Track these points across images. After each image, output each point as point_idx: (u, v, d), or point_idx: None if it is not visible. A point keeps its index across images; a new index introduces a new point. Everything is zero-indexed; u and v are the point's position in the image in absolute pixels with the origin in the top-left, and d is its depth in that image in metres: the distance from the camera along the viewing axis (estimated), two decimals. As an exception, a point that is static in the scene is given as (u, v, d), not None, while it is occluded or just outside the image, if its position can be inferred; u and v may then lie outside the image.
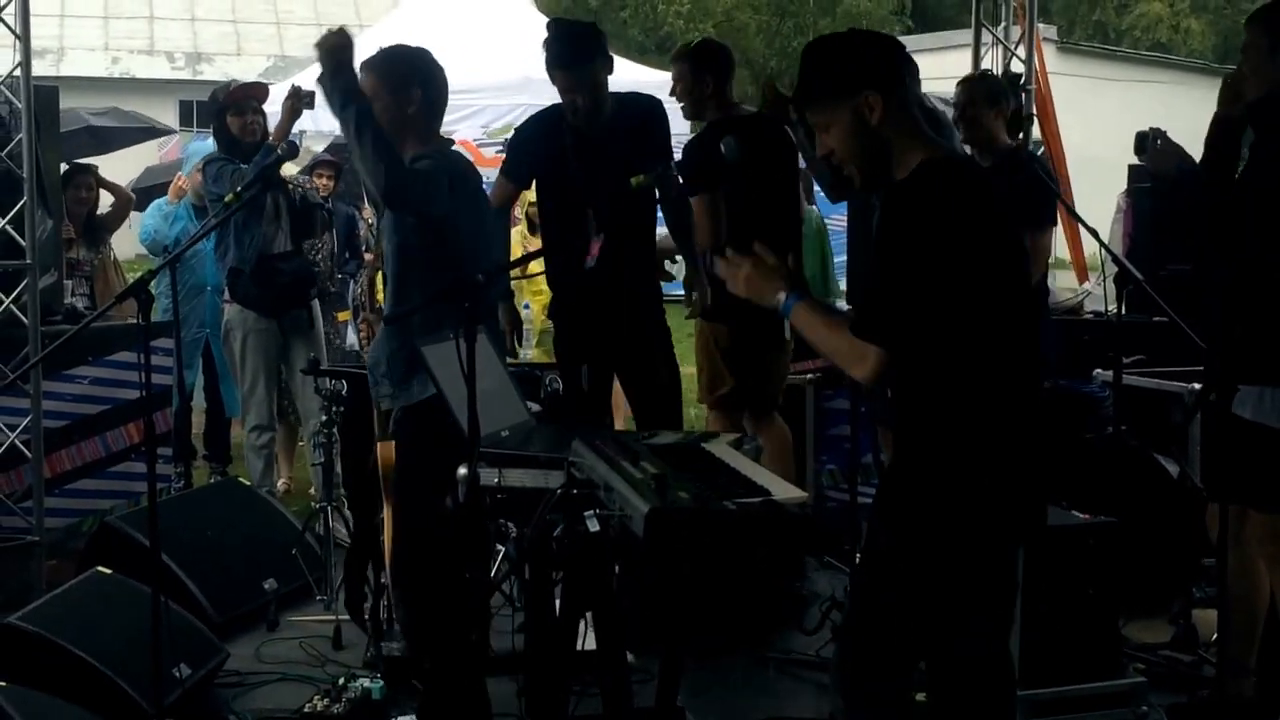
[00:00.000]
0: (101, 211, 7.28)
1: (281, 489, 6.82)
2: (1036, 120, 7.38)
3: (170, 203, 7.22)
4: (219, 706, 4.31)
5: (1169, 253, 6.83)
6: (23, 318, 5.28)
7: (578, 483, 3.13)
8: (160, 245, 7.07)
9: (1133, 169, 7.65)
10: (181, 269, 6.62)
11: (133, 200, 7.76)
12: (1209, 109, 4.01)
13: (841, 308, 7.91)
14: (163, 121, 14.91)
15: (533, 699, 3.46)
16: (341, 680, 4.26)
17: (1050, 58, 10.85)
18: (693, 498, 2.79)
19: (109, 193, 7.34)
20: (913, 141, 2.72)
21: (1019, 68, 7.31)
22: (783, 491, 2.87)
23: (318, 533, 5.28)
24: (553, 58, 4.71)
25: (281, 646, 4.83)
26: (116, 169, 8.73)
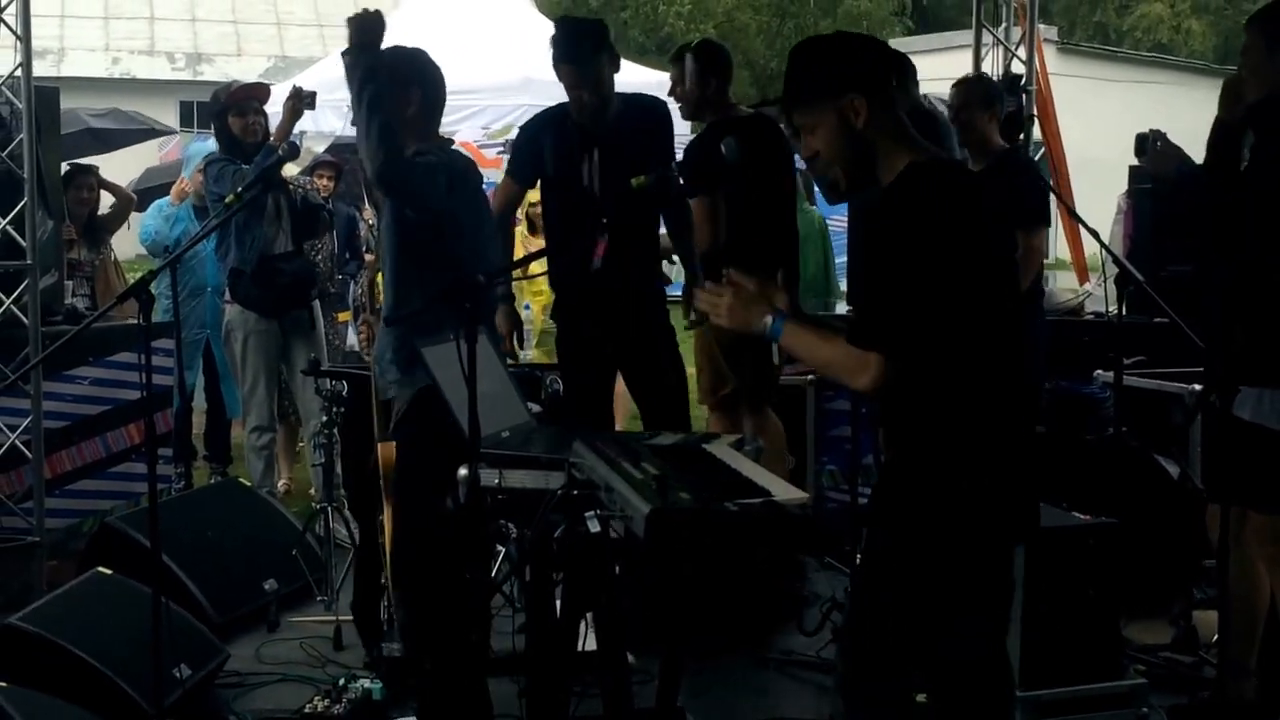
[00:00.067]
0: (102, 212, 7.29)
1: (282, 489, 6.82)
2: (1037, 121, 7.39)
3: (172, 204, 7.22)
4: (219, 707, 4.31)
5: (1170, 254, 6.83)
6: (23, 318, 5.28)
7: (578, 483, 3.13)
8: (161, 246, 7.07)
9: (1133, 170, 7.65)
10: (182, 270, 6.62)
11: (134, 201, 7.76)
12: (1210, 110, 4.02)
13: (842, 309, 7.94)
14: (163, 122, 14.91)
15: (533, 700, 3.46)
16: (342, 681, 4.27)
17: (1051, 59, 10.85)
18: (693, 499, 2.79)
19: (110, 193, 7.34)
20: (898, 145, 2.71)
21: (1020, 69, 7.31)
22: (783, 492, 2.87)
23: (318, 533, 5.28)
24: (559, 53, 4.70)
25: (282, 647, 4.83)
26: (117, 170, 8.73)
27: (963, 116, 5.53)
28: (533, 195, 5.67)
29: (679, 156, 5.16)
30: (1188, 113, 11.40)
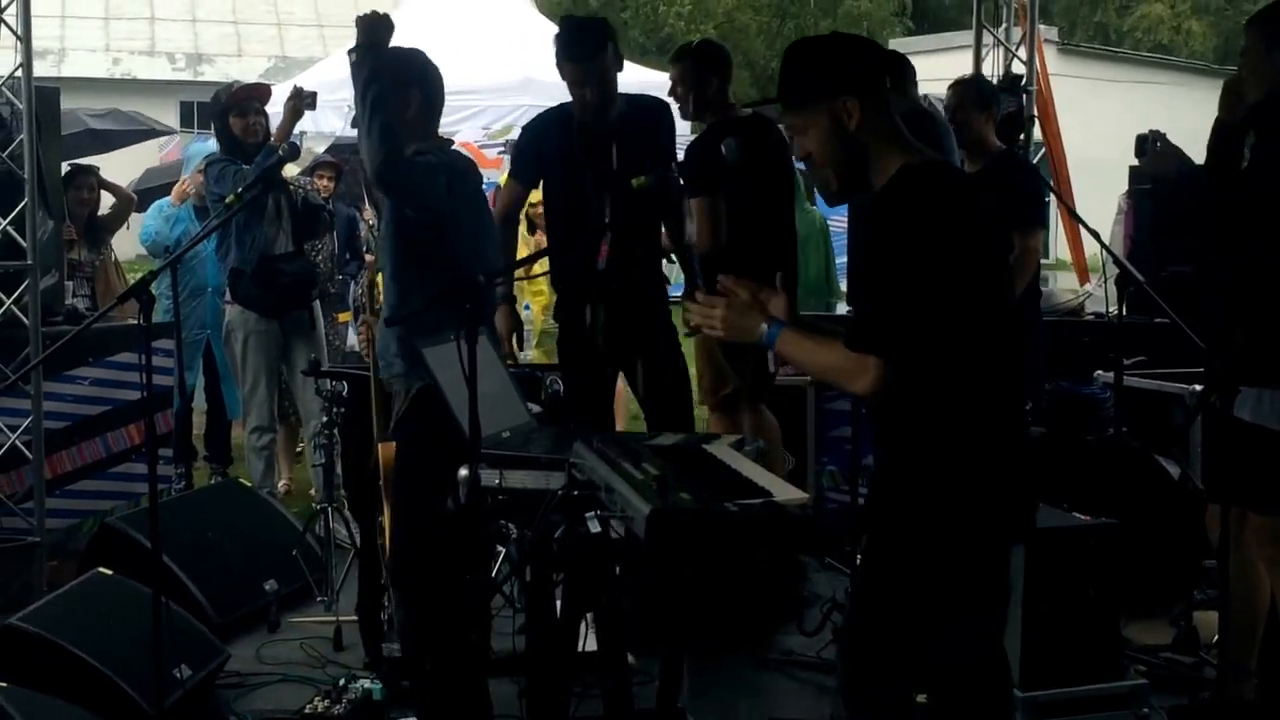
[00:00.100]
0: (103, 212, 7.29)
1: (282, 490, 6.82)
2: (1037, 122, 7.40)
3: (173, 205, 7.22)
4: (220, 707, 4.31)
5: (1170, 254, 6.83)
6: (24, 318, 5.28)
7: (579, 484, 3.13)
8: (161, 246, 7.07)
9: (1133, 170, 7.65)
10: (182, 270, 6.62)
11: (134, 201, 7.75)
12: (1210, 110, 4.02)
13: (843, 310, 7.94)
14: (163, 122, 14.91)
15: (534, 700, 3.46)
16: (342, 681, 4.27)
17: (1051, 59, 10.85)
18: (694, 499, 2.79)
19: (110, 194, 7.34)
20: (891, 147, 2.71)
21: (1020, 69, 7.32)
22: (784, 493, 2.86)
23: (318, 534, 5.28)
24: (562, 50, 4.67)
25: (282, 647, 4.83)
26: (117, 170, 8.72)
27: (959, 117, 5.53)
28: (533, 195, 5.67)
29: (681, 158, 5.15)
30: (1188, 113, 11.40)
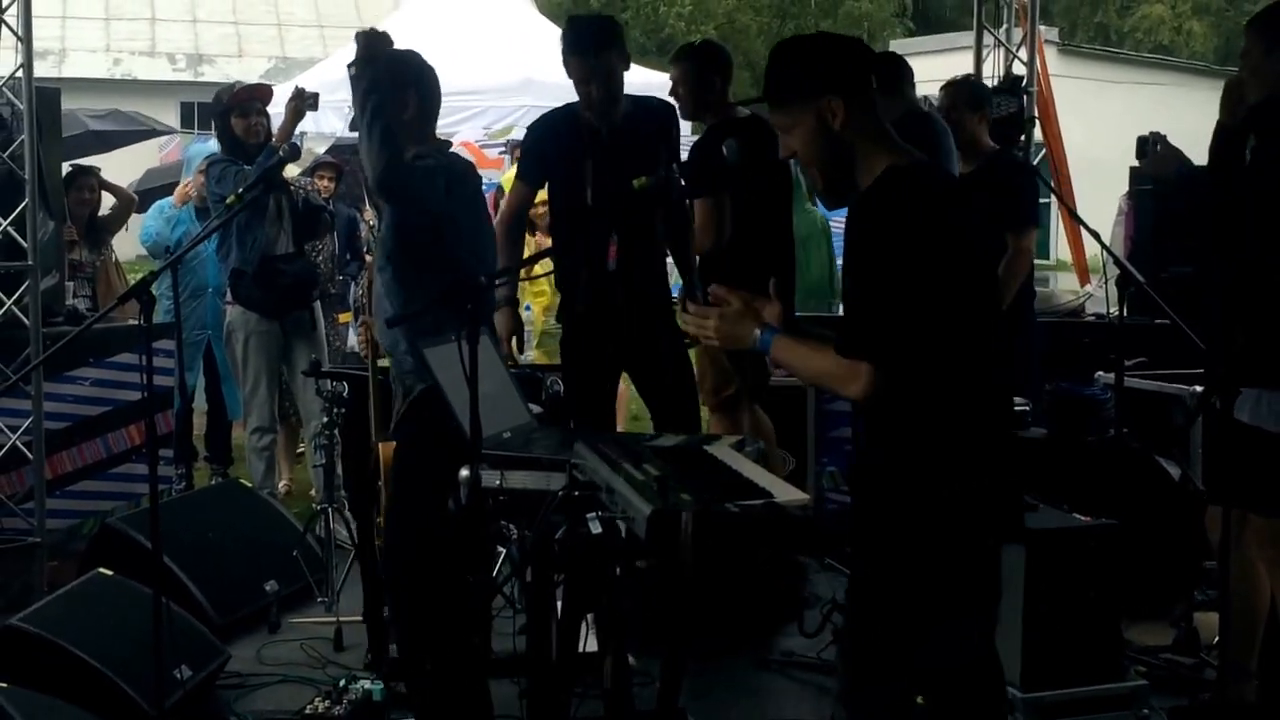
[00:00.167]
0: (103, 213, 7.29)
1: (283, 491, 6.82)
2: (1038, 123, 7.39)
3: (175, 206, 7.22)
4: (220, 708, 4.31)
5: (1171, 255, 6.83)
6: (24, 319, 5.28)
7: (579, 485, 3.13)
8: (162, 247, 7.07)
9: (1134, 171, 7.65)
10: (183, 271, 6.62)
11: (135, 202, 7.75)
12: (1211, 111, 4.02)
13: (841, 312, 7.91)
14: (164, 123, 14.92)
15: (534, 701, 3.46)
16: (342, 682, 4.27)
17: (1052, 60, 10.86)
18: (694, 500, 2.79)
19: (111, 194, 7.34)
20: (876, 147, 2.70)
21: (1021, 70, 7.32)
22: (784, 494, 2.86)
23: (319, 534, 5.28)
24: (569, 46, 4.65)
25: (282, 648, 4.83)
26: (117, 171, 8.72)
27: (952, 118, 5.53)
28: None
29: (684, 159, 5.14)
30: (1189, 114, 11.41)
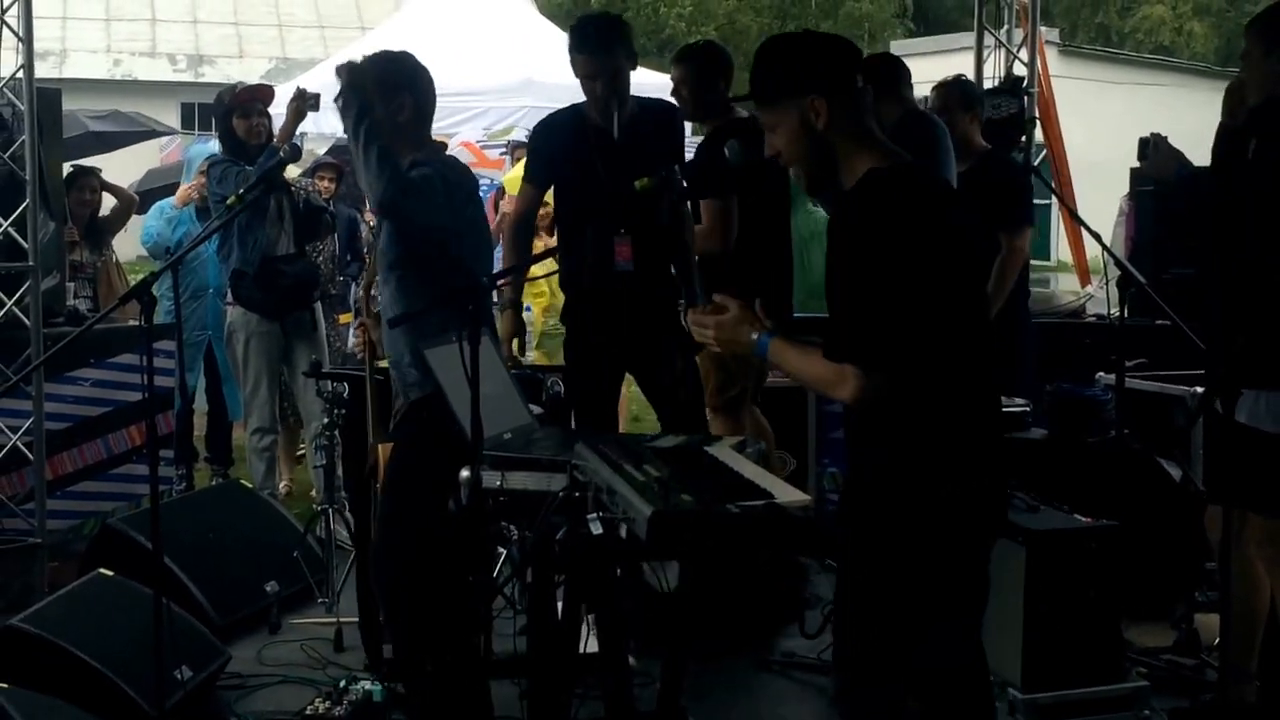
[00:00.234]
0: (104, 214, 7.29)
1: (283, 491, 6.82)
2: (1039, 123, 7.39)
3: (176, 207, 7.22)
4: (220, 709, 4.31)
5: (1172, 256, 6.83)
6: (25, 320, 5.28)
7: (580, 486, 3.13)
8: (162, 248, 7.07)
9: (1135, 172, 7.65)
10: (183, 271, 6.62)
11: (135, 202, 7.75)
12: (1212, 112, 4.02)
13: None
14: (164, 123, 14.92)
15: (535, 702, 3.46)
16: (343, 682, 4.27)
17: (1053, 61, 10.86)
18: (695, 501, 2.79)
19: (112, 195, 7.34)
20: (860, 148, 2.69)
21: (1021, 71, 7.31)
22: (785, 495, 2.86)
23: (319, 535, 5.28)
24: (575, 43, 4.62)
25: (283, 649, 4.83)
26: (118, 171, 8.72)
27: (944, 118, 5.53)
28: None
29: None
30: (1190, 115, 11.41)
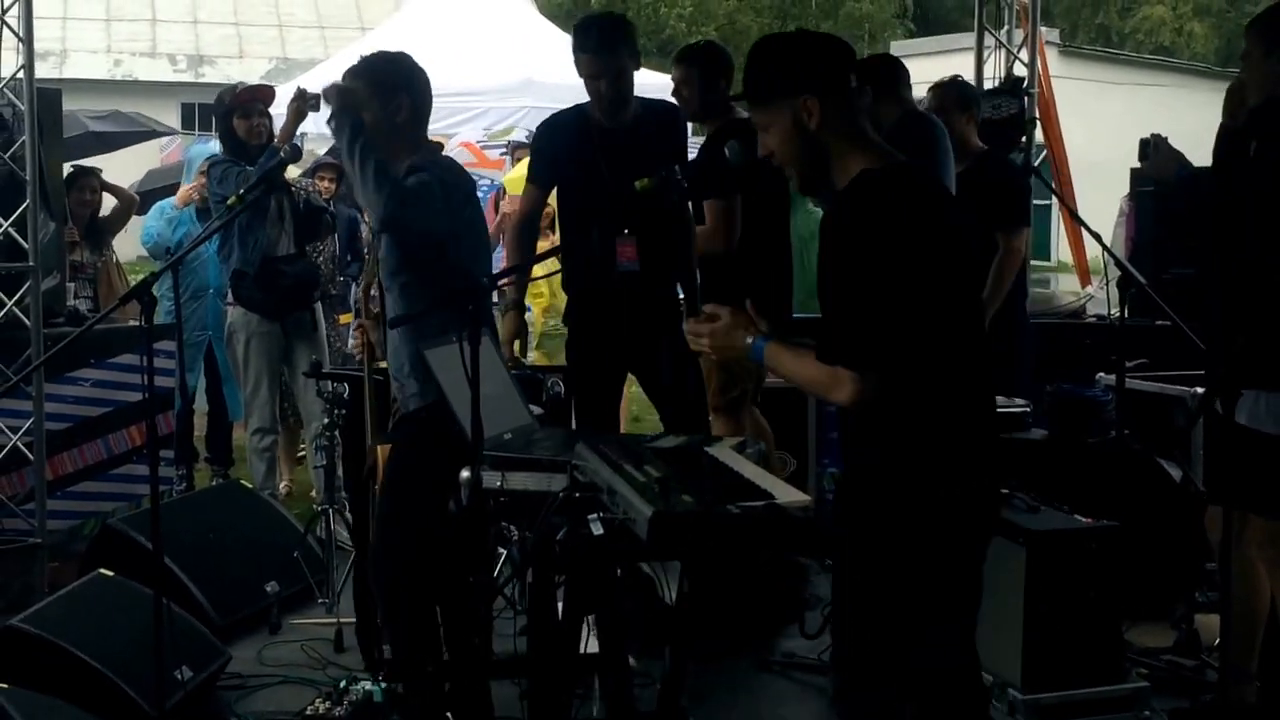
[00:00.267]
0: (104, 214, 7.29)
1: (283, 491, 6.82)
2: (1039, 124, 7.39)
3: (177, 208, 7.22)
4: (221, 709, 4.31)
5: (1172, 256, 6.83)
6: (25, 320, 5.29)
7: (581, 486, 3.13)
8: (162, 248, 7.07)
9: (1135, 172, 7.66)
10: (184, 272, 6.62)
11: (136, 202, 7.74)
12: (1212, 112, 4.02)
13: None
14: (164, 124, 14.92)
15: (535, 702, 3.46)
16: (343, 683, 4.26)
17: (1053, 61, 10.86)
18: (696, 501, 2.79)
19: (112, 195, 7.34)
20: (853, 148, 2.69)
21: (1022, 71, 7.31)
22: (785, 495, 2.86)
23: (319, 535, 5.28)
24: (579, 42, 4.62)
25: (283, 649, 4.83)
26: (119, 172, 8.73)
27: (940, 119, 5.53)
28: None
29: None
30: (1190, 115, 11.41)
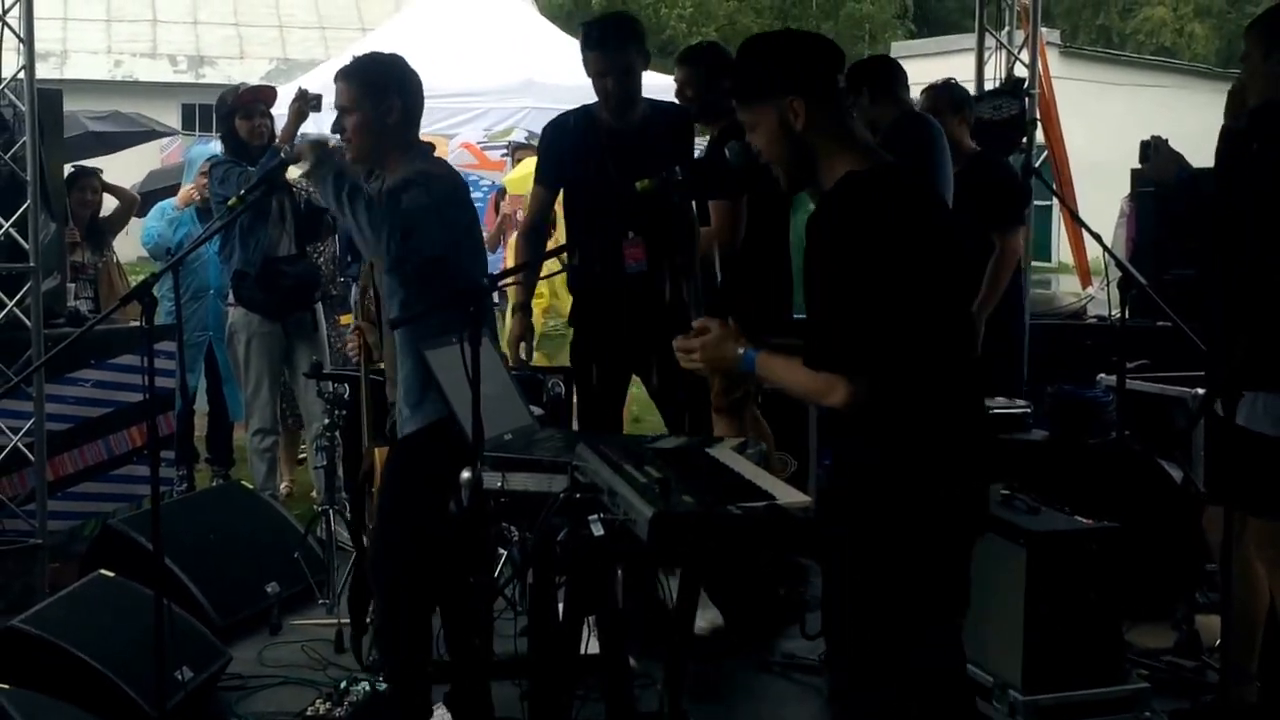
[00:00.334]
0: (105, 214, 7.29)
1: (284, 492, 6.82)
2: (1040, 125, 7.39)
3: (177, 208, 7.22)
4: (221, 710, 4.32)
5: (1173, 257, 6.83)
6: (26, 321, 5.28)
7: (581, 487, 3.13)
8: (163, 249, 7.06)
9: (1135, 173, 7.65)
10: (184, 272, 6.62)
11: (137, 203, 7.74)
12: (1213, 113, 4.02)
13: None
14: (165, 124, 14.92)
15: (535, 703, 3.46)
16: (343, 683, 4.27)
17: (1054, 62, 10.86)
18: (696, 502, 2.79)
19: (113, 196, 7.34)
20: (840, 149, 2.68)
21: (1022, 72, 7.31)
22: (786, 496, 2.86)
23: (320, 536, 5.28)
24: (588, 40, 4.61)
25: (284, 650, 4.83)
26: (120, 172, 8.73)
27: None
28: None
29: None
30: (1191, 116, 11.41)
